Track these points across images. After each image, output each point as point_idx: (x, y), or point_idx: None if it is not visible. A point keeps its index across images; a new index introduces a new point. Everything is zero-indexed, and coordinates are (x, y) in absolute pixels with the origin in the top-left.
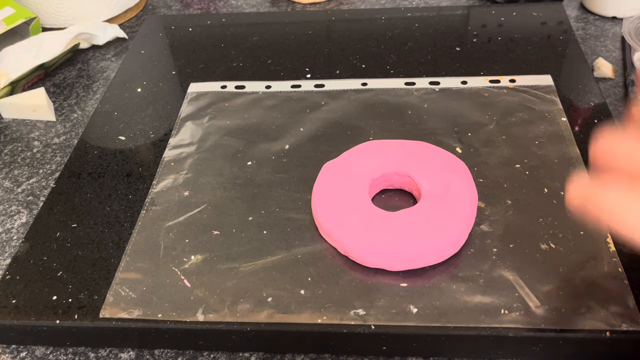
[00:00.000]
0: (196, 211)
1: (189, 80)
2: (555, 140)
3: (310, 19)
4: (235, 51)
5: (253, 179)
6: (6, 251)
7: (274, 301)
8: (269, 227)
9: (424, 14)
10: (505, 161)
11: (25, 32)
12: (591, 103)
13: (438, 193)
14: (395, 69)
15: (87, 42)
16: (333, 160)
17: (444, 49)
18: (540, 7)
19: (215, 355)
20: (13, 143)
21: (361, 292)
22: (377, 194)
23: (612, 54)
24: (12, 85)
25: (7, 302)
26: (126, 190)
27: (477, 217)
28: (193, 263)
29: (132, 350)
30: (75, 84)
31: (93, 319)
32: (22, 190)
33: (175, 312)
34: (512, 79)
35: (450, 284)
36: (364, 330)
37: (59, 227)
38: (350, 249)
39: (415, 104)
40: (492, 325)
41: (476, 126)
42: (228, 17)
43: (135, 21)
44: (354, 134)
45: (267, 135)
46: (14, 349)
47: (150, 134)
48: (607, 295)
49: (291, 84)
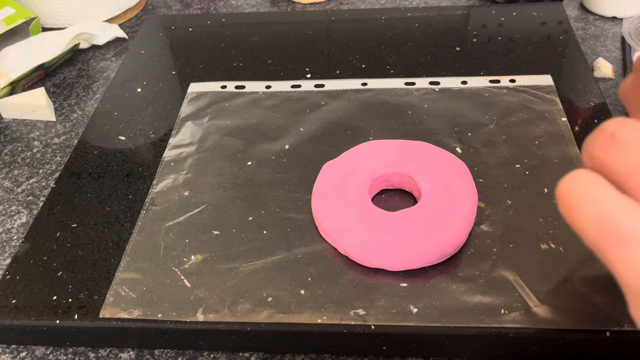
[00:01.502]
0: (196, 211)
1: (189, 80)
2: (555, 140)
3: (310, 19)
4: (235, 51)
5: (253, 179)
6: (6, 251)
7: (274, 301)
8: (269, 227)
9: (424, 14)
10: (505, 161)
11: (25, 32)
12: (591, 103)
13: (438, 193)
14: (395, 69)
15: (87, 42)
16: (333, 160)
17: (444, 49)
18: (540, 7)
19: (215, 355)
20: (13, 143)
21: (361, 292)
22: (377, 194)
23: (612, 54)
24: (12, 85)
25: (7, 302)
26: (126, 190)
27: (477, 217)
28: (193, 263)
29: (132, 350)
30: (75, 84)
31: (93, 319)
32: (22, 190)
33: (175, 312)
34: (512, 79)
35: (450, 284)
36: (364, 330)
37: (59, 227)
38: (350, 249)
39: (415, 104)
40: (492, 325)
41: (476, 126)
42: (228, 17)
43: (135, 21)
44: (354, 134)
45: (267, 135)
46: (14, 349)
47: (150, 134)
48: (607, 295)
49: (291, 84)
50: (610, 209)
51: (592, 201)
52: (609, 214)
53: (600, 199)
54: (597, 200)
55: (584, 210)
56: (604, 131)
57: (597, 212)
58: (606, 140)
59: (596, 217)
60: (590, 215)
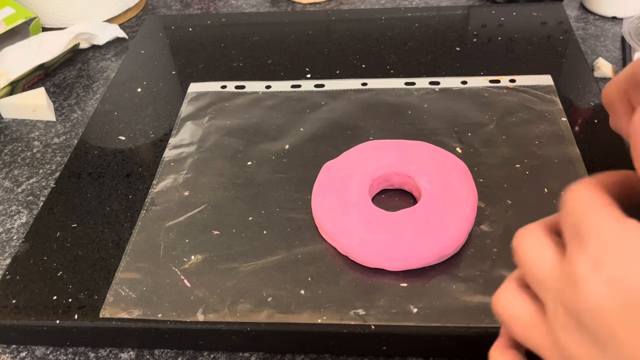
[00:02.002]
0: (196, 211)
1: (189, 80)
2: (555, 140)
3: (310, 19)
4: (235, 51)
5: (253, 179)
6: (6, 251)
7: (274, 301)
8: (269, 227)
9: (424, 14)
10: (505, 161)
11: (25, 32)
12: (591, 103)
13: (438, 193)
14: (395, 69)
15: (87, 42)
16: (333, 160)
17: (444, 49)
18: (540, 7)
19: (215, 355)
20: (13, 143)
21: (361, 292)
22: (377, 194)
23: (612, 54)
24: (12, 85)
25: (7, 302)
26: (126, 190)
27: (477, 217)
28: (193, 263)
29: (132, 350)
30: (75, 84)
31: (93, 319)
32: (22, 190)
33: (175, 312)
34: (512, 79)
35: (450, 284)
36: (364, 330)
37: (59, 227)
38: (350, 249)
39: (415, 104)
40: (492, 325)
41: (476, 126)
42: (228, 17)
43: (135, 21)
44: (354, 134)
45: (267, 135)
46: (14, 349)
47: (150, 134)
48: None
49: (291, 84)
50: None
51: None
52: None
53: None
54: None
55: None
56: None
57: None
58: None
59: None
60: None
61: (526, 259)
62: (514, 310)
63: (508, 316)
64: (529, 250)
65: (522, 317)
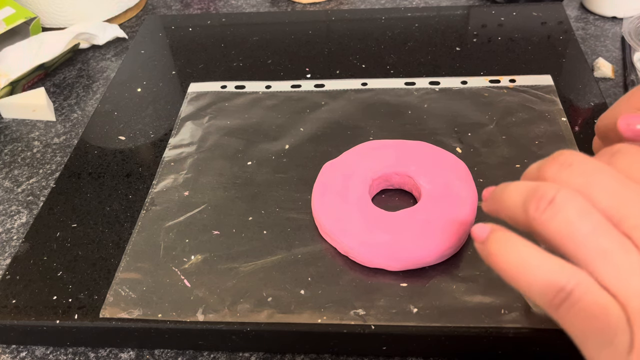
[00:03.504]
0: (196, 211)
1: (189, 80)
2: (555, 140)
3: (310, 19)
4: (235, 51)
5: (253, 179)
6: (6, 251)
7: (274, 301)
8: (269, 227)
9: (424, 14)
10: (505, 161)
11: (25, 32)
12: (591, 103)
13: (438, 193)
14: (395, 69)
15: (87, 42)
16: (333, 160)
17: (444, 49)
18: (540, 7)
19: (215, 355)
20: (13, 143)
21: (361, 292)
22: (377, 194)
23: (612, 54)
24: (12, 85)
25: (7, 302)
26: (126, 190)
27: (477, 217)
28: (193, 263)
29: (132, 350)
30: (75, 84)
31: (93, 319)
32: (22, 190)
33: (175, 312)
34: (512, 79)
35: (450, 284)
36: (364, 330)
37: (59, 227)
38: (350, 249)
39: (415, 104)
40: (492, 325)
41: (476, 126)
42: (228, 17)
43: (135, 21)
44: (354, 134)
45: (267, 135)
46: (14, 349)
47: (150, 134)
48: None
49: (291, 84)
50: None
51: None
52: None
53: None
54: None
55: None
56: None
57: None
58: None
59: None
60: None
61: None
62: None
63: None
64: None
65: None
